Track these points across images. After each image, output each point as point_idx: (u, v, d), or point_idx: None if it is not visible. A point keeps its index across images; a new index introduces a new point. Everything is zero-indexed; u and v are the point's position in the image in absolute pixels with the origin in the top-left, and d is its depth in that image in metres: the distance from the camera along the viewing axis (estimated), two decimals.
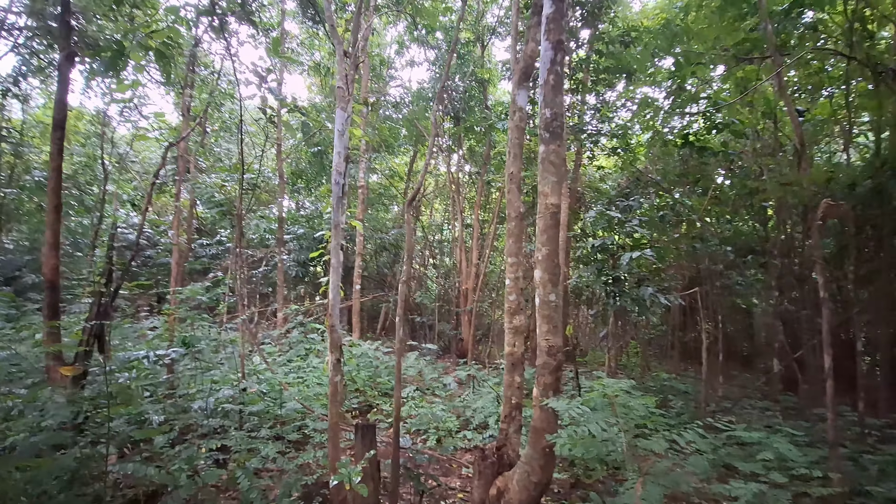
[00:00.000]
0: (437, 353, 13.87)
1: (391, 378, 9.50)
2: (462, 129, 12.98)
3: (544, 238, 3.36)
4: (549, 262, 3.32)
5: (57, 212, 5.84)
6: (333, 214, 4.17)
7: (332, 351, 4.03)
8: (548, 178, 3.35)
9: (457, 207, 14.57)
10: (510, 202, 4.01)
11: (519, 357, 3.90)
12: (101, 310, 6.18)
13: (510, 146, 4.06)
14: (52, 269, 5.73)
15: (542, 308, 3.33)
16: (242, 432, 5.50)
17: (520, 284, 3.99)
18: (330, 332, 4.05)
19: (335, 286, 4.08)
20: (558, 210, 3.34)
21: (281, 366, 8.95)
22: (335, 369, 4.02)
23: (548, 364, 3.28)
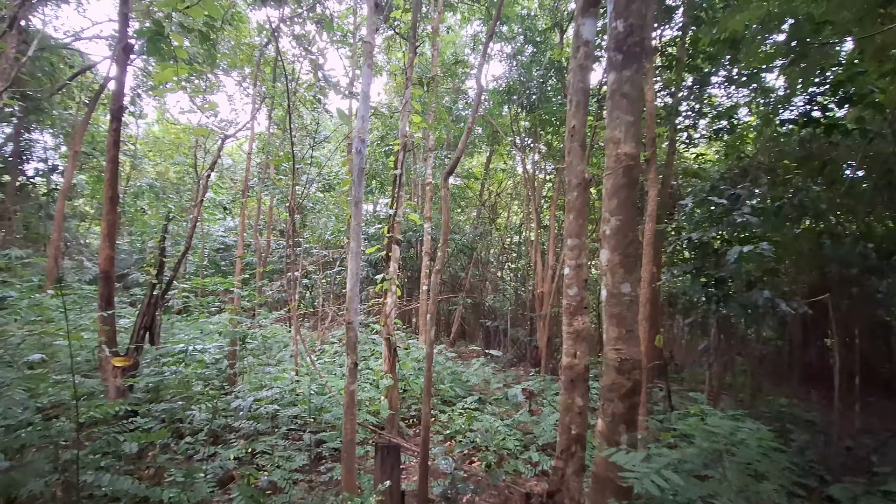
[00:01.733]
0: (509, 361, 12.78)
1: (454, 385, 8.64)
2: (537, 119, 11.86)
3: (614, 204, 2.31)
4: (620, 238, 2.26)
5: (112, 203, 5.77)
6: (354, 190, 3.42)
7: (349, 353, 3.26)
8: (619, 118, 2.31)
9: (533, 207, 13.41)
10: (571, 166, 2.98)
11: (581, 371, 2.84)
12: (152, 302, 6.05)
13: (572, 92, 3.04)
14: (106, 259, 5.64)
15: (611, 304, 2.28)
16: (274, 437, 4.95)
17: (583, 275, 2.93)
18: (346, 329, 3.29)
19: (354, 274, 3.32)
20: (635, 163, 2.28)
21: (340, 366, 8.49)
22: (351, 375, 3.24)
23: (618, 385, 2.22)
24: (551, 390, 9.41)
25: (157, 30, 4.78)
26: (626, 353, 2.22)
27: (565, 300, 2.93)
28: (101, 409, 4.37)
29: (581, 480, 2.79)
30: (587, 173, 2.96)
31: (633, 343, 2.24)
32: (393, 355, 6.96)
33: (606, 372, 2.25)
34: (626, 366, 2.21)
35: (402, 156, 7.44)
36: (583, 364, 2.85)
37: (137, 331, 5.73)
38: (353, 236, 3.36)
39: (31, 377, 4.79)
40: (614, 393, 2.22)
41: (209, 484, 3.20)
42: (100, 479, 2.76)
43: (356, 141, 3.44)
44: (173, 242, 16.05)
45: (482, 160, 17.92)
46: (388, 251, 7.28)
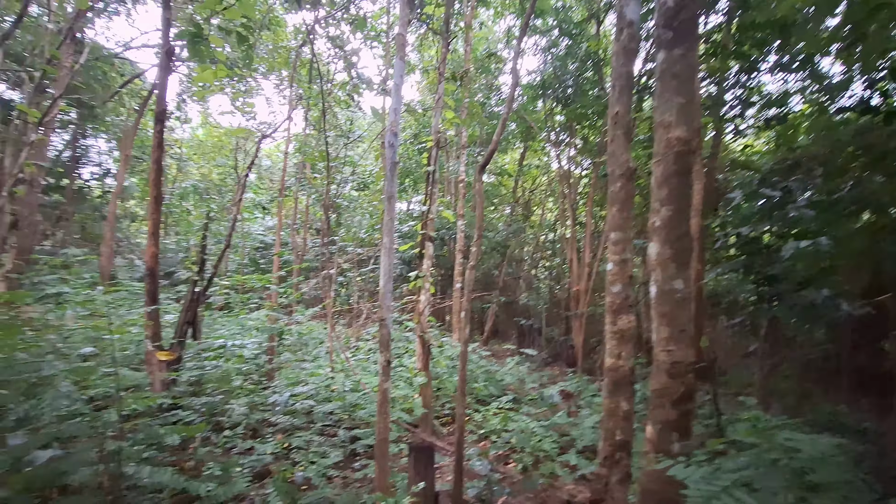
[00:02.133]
0: (544, 360, 12.51)
1: (488, 384, 8.50)
2: (573, 113, 11.53)
3: (664, 193, 2.12)
4: (671, 230, 2.08)
5: (157, 203, 5.93)
6: (386, 185, 3.34)
7: (382, 351, 3.19)
8: (670, 100, 2.12)
9: (568, 203, 13.08)
10: (614, 155, 2.79)
11: (626, 373, 2.66)
12: (194, 298, 6.19)
13: (614, 77, 2.85)
14: (151, 256, 5.80)
15: (661, 302, 2.10)
16: (309, 433, 4.96)
17: (628, 271, 2.75)
18: (379, 327, 3.21)
19: (386, 271, 3.24)
20: (688, 148, 2.09)
21: (374, 363, 8.49)
22: (384, 373, 3.16)
23: (670, 389, 2.04)
24: (588, 391, 9.12)
25: (196, 32, 4.86)
26: (679, 355, 2.04)
27: (608, 298, 2.75)
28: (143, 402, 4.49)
29: (626, 490, 2.61)
30: (631, 163, 2.76)
31: (686, 344, 2.05)
32: (426, 353, 6.89)
33: (656, 375, 2.07)
34: (678, 369, 2.03)
35: (434, 152, 7.36)
36: (627, 366, 2.66)
37: (180, 326, 5.87)
38: (385, 232, 3.28)
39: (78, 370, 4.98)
40: (665, 398, 2.04)
41: (245, 478, 3.20)
42: (141, 471, 2.79)
43: (388, 135, 3.36)
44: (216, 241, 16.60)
45: (516, 157, 17.65)
46: (421, 248, 7.21)
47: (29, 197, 11.71)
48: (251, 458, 3.85)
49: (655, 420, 2.07)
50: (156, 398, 4.90)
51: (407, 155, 15.40)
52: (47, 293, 8.71)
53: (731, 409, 8.07)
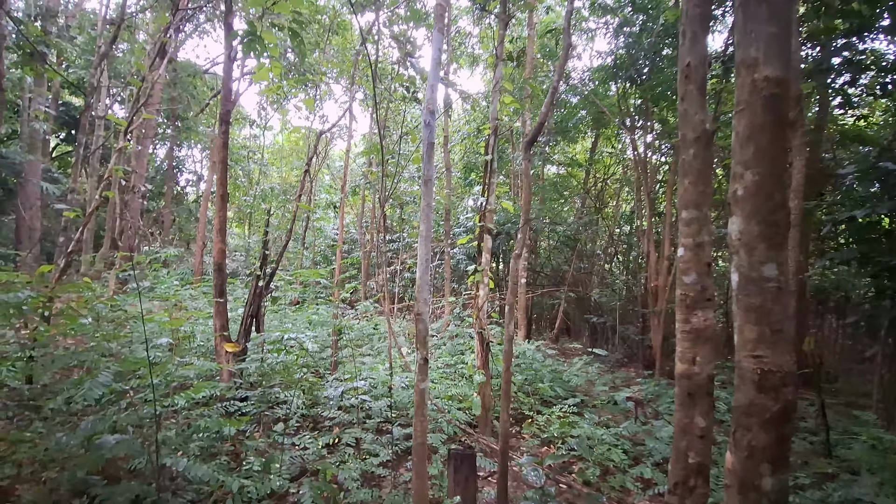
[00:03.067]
0: (619, 361, 11.64)
1: (554, 384, 7.96)
2: (649, 93, 10.56)
3: (750, 152, 1.63)
4: (761, 201, 1.59)
5: (223, 201, 6.13)
6: (424, 167, 3.05)
7: (419, 348, 2.91)
8: (756, 31, 1.62)
9: (645, 192, 12.03)
10: (685, 116, 2.29)
11: (703, 382, 2.16)
12: (257, 293, 6.34)
13: (685, 21, 2.33)
14: (218, 252, 6.01)
15: (747, 293, 1.61)
16: (359, 429, 4.84)
17: (705, 257, 2.23)
18: (416, 322, 2.93)
19: (423, 261, 2.95)
20: (781, 91, 1.57)
21: (437, 359, 8.30)
22: (421, 372, 2.88)
23: (759, 406, 1.55)
24: (667, 396, 8.26)
25: (250, 31, 4.90)
26: (772, 362, 1.54)
27: (680, 290, 2.26)
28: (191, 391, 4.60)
29: None
30: (709, 123, 2.24)
31: (782, 348, 1.54)
32: (485, 350, 6.55)
33: (741, 387, 1.59)
34: (771, 379, 1.53)
35: (493, 140, 6.97)
36: (705, 373, 2.15)
37: (245, 319, 6.03)
38: (422, 219, 3.00)
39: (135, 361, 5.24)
40: (754, 417, 1.55)
41: (285, 475, 3.08)
42: (178, 463, 2.75)
43: (425, 113, 3.07)
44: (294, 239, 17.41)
45: (587, 146, 16.68)
46: (480, 242, 6.88)
47: (132, 203, 12.92)
48: (298, 452, 3.76)
49: (740, 446, 1.58)
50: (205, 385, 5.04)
51: (472, 149, 15.09)
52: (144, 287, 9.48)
53: (842, 423, 6.89)
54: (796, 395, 1.47)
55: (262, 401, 4.45)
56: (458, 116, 15.61)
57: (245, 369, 5.76)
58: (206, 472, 2.73)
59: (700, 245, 2.22)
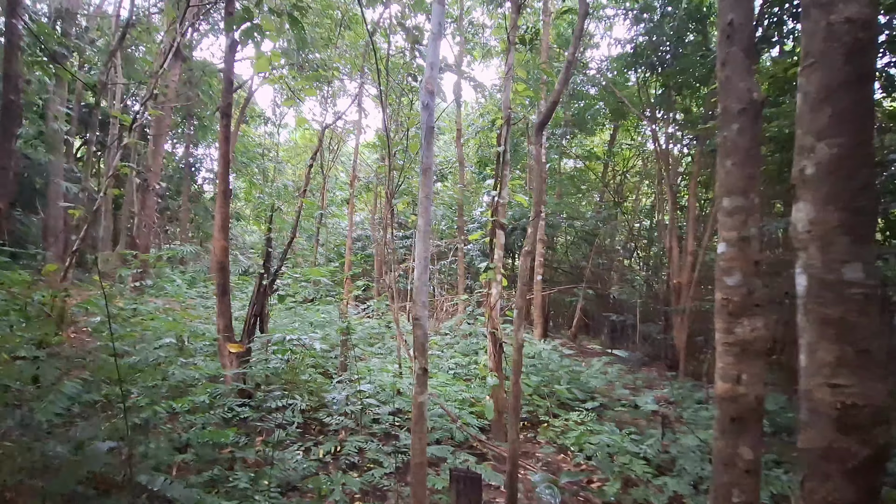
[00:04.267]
0: (641, 361, 11.13)
1: (572, 386, 7.56)
2: (671, 80, 10.00)
3: (826, 117, 1.24)
4: (840, 180, 1.20)
5: (225, 196, 5.89)
6: (423, 154, 2.71)
7: (417, 357, 2.58)
8: None
9: (667, 185, 11.47)
10: (728, 84, 1.89)
11: (751, 406, 1.77)
12: (261, 291, 6.10)
13: None
14: (221, 250, 5.78)
15: (822, 300, 1.23)
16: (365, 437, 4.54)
17: (752, 253, 1.84)
18: (413, 328, 2.60)
19: (422, 259, 2.61)
20: (866, 38, 1.18)
21: (451, 358, 7.98)
22: (419, 384, 2.55)
23: (840, 450, 1.17)
24: (693, 399, 7.78)
25: (245, 17, 4.63)
26: (858, 394, 1.16)
27: (720, 293, 1.87)
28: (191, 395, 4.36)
29: None
30: (757, 92, 1.84)
31: (871, 374, 1.16)
32: (499, 351, 6.19)
33: (815, 424, 1.21)
34: (857, 416, 1.15)
35: (505, 131, 6.58)
36: (753, 394, 1.76)
37: (248, 319, 5.80)
38: (421, 212, 2.66)
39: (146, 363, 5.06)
40: (833, 464, 1.17)
41: (272, 492, 2.80)
42: (154, 481, 2.48)
43: (423, 93, 2.72)
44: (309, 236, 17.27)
45: (605, 138, 16.09)
46: (492, 237, 6.51)
47: (148, 201, 12.91)
48: (294, 463, 3.48)
49: (813, 500, 1.21)
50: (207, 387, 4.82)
51: (487, 143, 14.68)
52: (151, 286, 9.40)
53: None
54: (890, 437, 1.09)
55: (263, 405, 4.19)
56: (472, 109, 15.21)
57: (249, 371, 5.52)
58: (183, 492, 2.45)
59: (746, 240, 1.83)
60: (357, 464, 4.62)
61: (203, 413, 4.10)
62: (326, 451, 4.46)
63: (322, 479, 2.97)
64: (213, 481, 3.13)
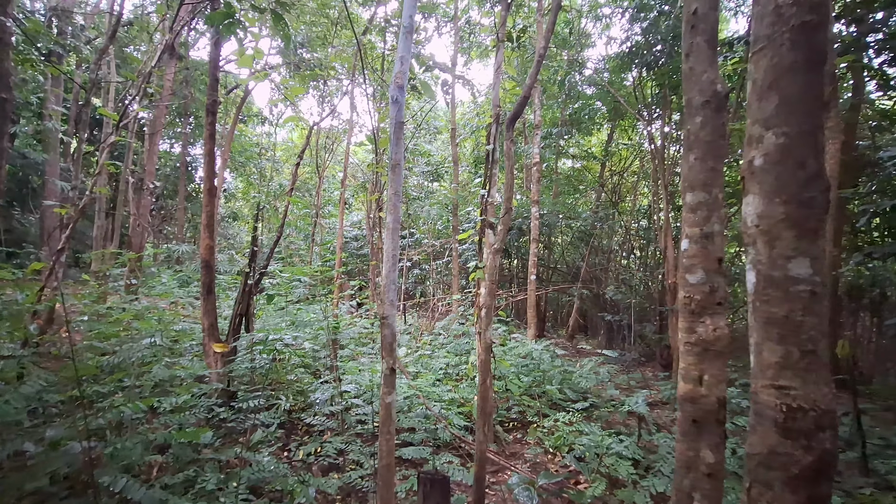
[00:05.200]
0: (635, 361, 11.06)
1: (564, 386, 7.50)
2: (666, 78, 9.92)
3: (773, 105, 1.19)
4: (786, 170, 1.15)
5: (210, 195, 5.85)
6: (392, 150, 2.65)
7: (384, 356, 2.52)
8: None
9: (662, 184, 11.38)
10: (690, 75, 1.84)
11: (712, 407, 1.72)
12: (246, 290, 6.05)
13: None
14: (206, 249, 5.73)
15: (767, 298, 1.18)
16: (347, 436, 4.49)
17: (716, 250, 1.79)
18: (381, 327, 2.55)
19: (390, 256, 2.56)
20: (816, 20, 1.13)
21: (443, 357, 7.92)
22: (387, 384, 2.50)
23: (783, 456, 1.11)
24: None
25: (227, 12, 4.58)
26: (802, 396, 1.10)
27: (684, 291, 1.82)
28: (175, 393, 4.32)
29: None
30: (720, 84, 1.78)
31: (817, 377, 1.10)
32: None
33: (758, 427, 1.15)
34: (801, 421, 1.09)
35: (494, 129, 6.50)
36: (714, 395, 1.71)
37: (234, 318, 5.75)
38: (389, 209, 2.60)
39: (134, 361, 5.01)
40: (776, 471, 1.11)
41: (241, 495, 2.74)
42: (116, 483, 2.43)
43: (392, 88, 2.67)
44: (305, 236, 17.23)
45: (602, 138, 16.02)
46: (481, 237, 6.45)
47: (142, 200, 12.88)
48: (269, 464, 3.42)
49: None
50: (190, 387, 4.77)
51: (481, 143, 14.61)
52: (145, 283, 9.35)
53: (878, 432, 6.25)
54: (836, 443, 1.03)
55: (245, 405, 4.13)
56: (468, 108, 15.15)
57: (233, 370, 5.48)
58: (146, 495, 2.40)
59: (709, 236, 1.77)
60: (339, 465, 4.58)
61: (183, 412, 4.05)
62: (308, 451, 4.41)
63: (292, 480, 2.91)
64: (189, 482, 3.08)
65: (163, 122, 13.84)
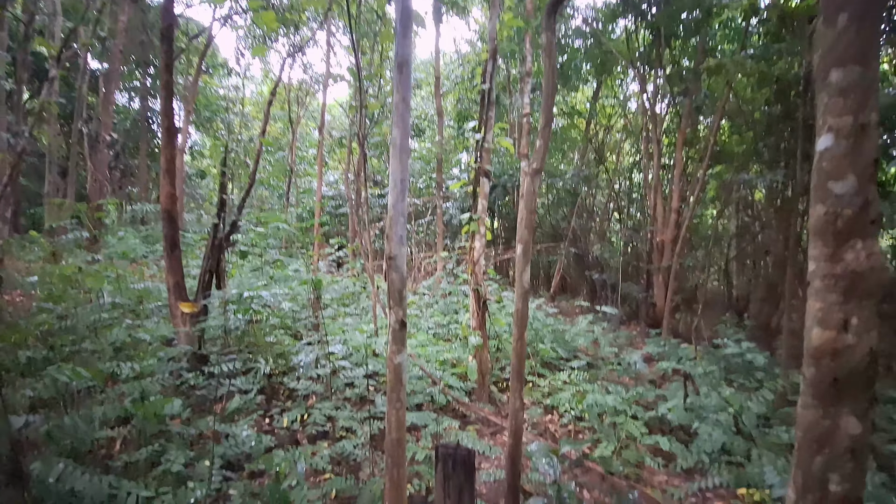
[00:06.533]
0: (619, 319, 10.90)
1: (556, 345, 7.19)
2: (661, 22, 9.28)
3: None
4: None
5: (170, 135, 5.04)
6: (397, 45, 2.02)
7: (393, 306, 1.98)
8: None
9: (654, 139, 10.95)
10: None
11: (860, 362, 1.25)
12: (215, 244, 5.37)
13: None
14: (167, 197, 4.97)
15: None
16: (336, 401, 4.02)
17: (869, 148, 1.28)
18: (387, 269, 2.00)
19: (397, 181, 1.98)
20: None
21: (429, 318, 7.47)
22: (396, 341, 1.97)
23: None
24: (675, 356, 7.54)
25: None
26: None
27: (822, 206, 1.32)
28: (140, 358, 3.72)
29: None
30: None
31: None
32: (482, 309, 5.69)
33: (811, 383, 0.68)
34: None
35: (490, 66, 5.84)
36: (865, 345, 1.25)
37: (202, 275, 5.09)
38: (396, 122, 2.00)
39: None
40: None
41: (215, 475, 2.23)
42: (50, 469, 1.87)
43: None
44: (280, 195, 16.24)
45: (588, 95, 15.39)
46: (475, 185, 5.88)
47: (99, 154, 11.67)
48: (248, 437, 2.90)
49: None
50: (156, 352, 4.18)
51: (468, 98, 13.76)
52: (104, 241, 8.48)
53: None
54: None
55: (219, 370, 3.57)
56: (451, 60, 14.18)
57: (205, 331, 4.88)
58: (89, 484, 1.86)
59: (864, 128, 1.26)
60: (328, 432, 4.12)
61: (145, 379, 3.47)
62: (292, 419, 3.91)
63: (278, 455, 2.41)
64: (155, 460, 2.55)
65: (118, 70, 12.45)
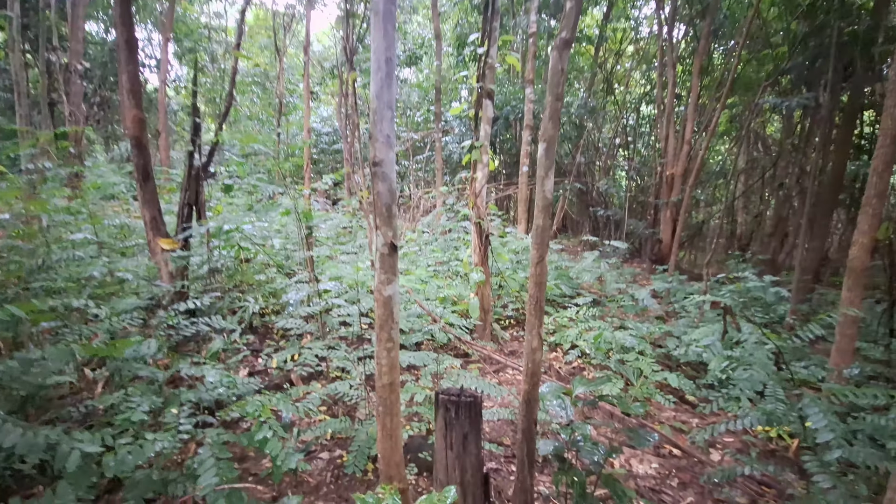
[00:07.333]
0: (623, 255, 10.60)
1: (560, 282, 6.89)
2: None
3: None
4: None
5: (129, 47, 4.39)
6: None
7: (380, 225, 1.55)
8: None
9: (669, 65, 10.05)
10: None
11: None
12: (193, 173, 4.87)
13: None
14: (133, 121, 4.39)
15: None
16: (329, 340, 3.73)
17: None
18: (372, 175, 1.55)
19: (381, 57, 1.48)
20: None
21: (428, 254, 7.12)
22: (384, 268, 1.56)
23: None
24: (682, 293, 7.29)
25: None
26: None
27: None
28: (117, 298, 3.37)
29: None
30: None
31: None
32: (485, 244, 5.30)
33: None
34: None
35: None
36: None
37: (181, 208, 4.64)
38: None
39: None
40: None
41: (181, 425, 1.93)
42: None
43: None
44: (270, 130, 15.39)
45: (598, 18, 14.12)
46: (477, 108, 5.28)
47: (73, 86, 10.79)
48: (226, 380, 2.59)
49: None
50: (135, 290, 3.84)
51: (468, 22, 12.58)
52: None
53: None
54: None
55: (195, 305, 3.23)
56: None
57: (188, 268, 4.51)
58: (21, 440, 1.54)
59: None
60: (322, 372, 3.87)
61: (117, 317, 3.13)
62: (283, 359, 3.64)
63: (257, 401, 2.10)
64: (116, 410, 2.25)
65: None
